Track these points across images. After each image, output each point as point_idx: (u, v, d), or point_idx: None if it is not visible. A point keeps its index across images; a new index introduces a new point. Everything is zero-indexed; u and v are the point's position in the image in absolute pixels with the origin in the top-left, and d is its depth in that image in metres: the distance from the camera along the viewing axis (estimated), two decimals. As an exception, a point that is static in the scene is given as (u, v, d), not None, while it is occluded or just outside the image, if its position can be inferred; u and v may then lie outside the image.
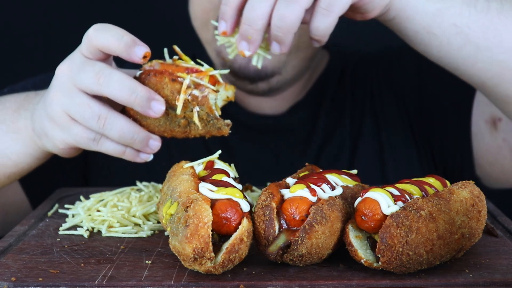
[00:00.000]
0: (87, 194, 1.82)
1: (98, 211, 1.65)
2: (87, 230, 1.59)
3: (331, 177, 1.47)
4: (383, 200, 1.34)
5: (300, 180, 1.43)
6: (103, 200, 1.69)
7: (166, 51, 1.62)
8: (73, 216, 1.67)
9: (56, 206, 1.77)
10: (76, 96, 1.56)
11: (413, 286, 1.29)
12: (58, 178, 2.11)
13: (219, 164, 1.52)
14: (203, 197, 1.33)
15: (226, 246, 1.30)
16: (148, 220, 1.63)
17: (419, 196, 1.38)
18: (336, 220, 1.35)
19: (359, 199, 1.38)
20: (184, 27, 2.17)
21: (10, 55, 2.92)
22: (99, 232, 1.59)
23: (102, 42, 1.53)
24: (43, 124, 1.64)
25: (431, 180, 1.47)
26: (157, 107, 1.53)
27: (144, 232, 1.57)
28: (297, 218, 1.34)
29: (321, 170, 1.54)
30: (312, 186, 1.39)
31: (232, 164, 1.56)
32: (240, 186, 1.45)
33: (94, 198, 1.71)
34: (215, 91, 1.56)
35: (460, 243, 1.34)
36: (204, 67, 1.60)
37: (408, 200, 1.35)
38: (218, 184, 1.40)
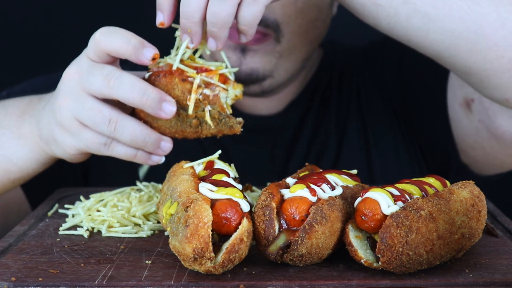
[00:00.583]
0: (87, 194, 1.82)
1: (98, 211, 1.65)
2: (87, 230, 1.59)
3: (331, 177, 1.47)
4: (383, 200, 1.34)
5: (300, 180, 1.43)
6: (103, 200, 1.69)
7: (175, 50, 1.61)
8: (73, 216, 1.67)
9: (56, 206, 1.77)
10: (86, 101, 1.55)
11: (413, 286, 1.29)
12: (58, 179, 2.11)
13: (219, 164, 1.52)
14: (203, 197, 1.33)
15: (226, 246, 1.30)
16: (148, 220, 1.63)
17: (419, 196, 1.38)
18: (336, 220, 1.35)
19: (359, 199, 1.38)
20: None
21: (10, 55, 2.92)
22: (99, 232, 1.59)
23: (110, 45, 1.52)
24: (51, 130, 1.63)
25: (431, 180, 1.47)
26: (168, 108, 1.52)
27: (144, 232, 1.57)
28: (297, 218, 1.34)
29: (321, 170, 1.54)
30: (312, 186, 1.39)
31: (232, 164, 1.56)
32: (240, 186, 1.45)
33: (94, 198, 1.71)
34: (225, 89, 1.56)
35: (460, 243, 1.34)
36: (213, 65, 1.59)
37: (408, 200, 1.35)
38: (218, 184, 1.40)
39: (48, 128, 1.65)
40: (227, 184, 1.41)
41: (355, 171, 1.57)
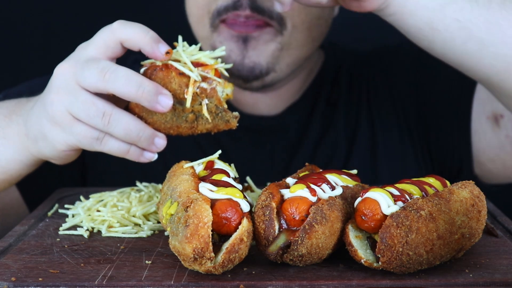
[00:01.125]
0: (87, 194, 1.82)
1: (98, 211, 1.65)
2: (87, 230, 1.59)
3: (331, 177, 1.47)
4: (383, 200, 1.34)
5: (300, 180, 1.43)
6: (103, 200, 1.69)
7: (180, 39, 1.62)
8: (73, 216, 1.67)
9: (56, 206, 1.77)
10: (80, 94, 1.54)
11: (413, 286, 1.29)
12: (55, 181, 2.10)
13: (219, 164, 1.52)
14: (203, 197, 1.33)
15: (226, 246, 1.30)
16: (148, 220, 1.63)
17: (419, 196, 1.38)
18: (336, 220, 1.35)
19: (359, 199, 1.38)
20: (182, 24, 2.17)
21: (10, 55, 2.92)
22: (99, 232, 1.59)
23: (128, 34, 1.53)
24: (41, 126, 1.61)
25: (431, 180, 1.47)
26: (164, 101, 1.51)
27: (144, 232, 1.57)
28: (297, 218, 1.34)
29: (321, 170, 1.54)
30: (312, 186, 1.39)
31: (232, 164, 1.56)
32: (240, 186, 1.45)
33: (94, 198, 1.71)
34: (221, 84, 1.56)
35: (460, 243, 1.34)
36: (209, 55, 1.59)
37: (408, 200, 1.35)
38: (218, 184, 1.40)
39: (37, 124, 1.62)
40: (227, 184, 1.41)
41: (355, 171, 1.57)
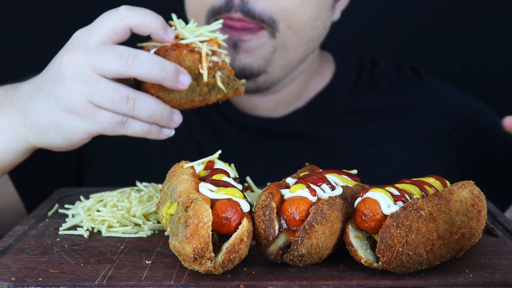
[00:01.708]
0: (87, 194, 1.82)
1: (98, 211, 1.65)
2: (87, 230, 1.59)
3: (331, 177, 1.47)
4: (383, 200, 1.34)
5: (300, 180, 1.43)
6: (103, 200, 1.69)
7: (175, 17, 1.67)
8: (73, 216, 1.67)
9: (56, 206, 1.77)
10: (99, 82, 1.54)
11: (413, 286, 1.29)
12: (52, 179, 2.10)
13: (219, 164, 1.52)
14: (203, 197, 1.33)
15: (226, 246, 1.30)
16: (148, 220, 1.63)
17: (419, 196, 1.38)
18: (336, 220, 1.35)
19: (359, 199, 1.38)
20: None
21: (10, 55, 2.92)
22: (99, 232, 1.59)
23: (138, 19, 1.56)
24: (54, 117, 1.60)
25: (431, 180, 1.47)
26: (184, 79, 1.57)
27: (144, 232, 1.57)
28: (297, 218, 1.34)
29: (321, 170, 1.54)
30: (312, 186, 1.39)
31: (232, 164, 1.57)
32: (240, 186, 1.45)
33: (94, 198, 1.71)
34: (227, 55, 1.64)
35: (460, 243, 1.34)
36: (206, 29, 1.65)
37: (408, 200, 1.35)
38: (218, 184, 1.40)
39: (48, 116, 1.61)
40: (227, 184, 1.41)
41: (355, 171, 1.57)
